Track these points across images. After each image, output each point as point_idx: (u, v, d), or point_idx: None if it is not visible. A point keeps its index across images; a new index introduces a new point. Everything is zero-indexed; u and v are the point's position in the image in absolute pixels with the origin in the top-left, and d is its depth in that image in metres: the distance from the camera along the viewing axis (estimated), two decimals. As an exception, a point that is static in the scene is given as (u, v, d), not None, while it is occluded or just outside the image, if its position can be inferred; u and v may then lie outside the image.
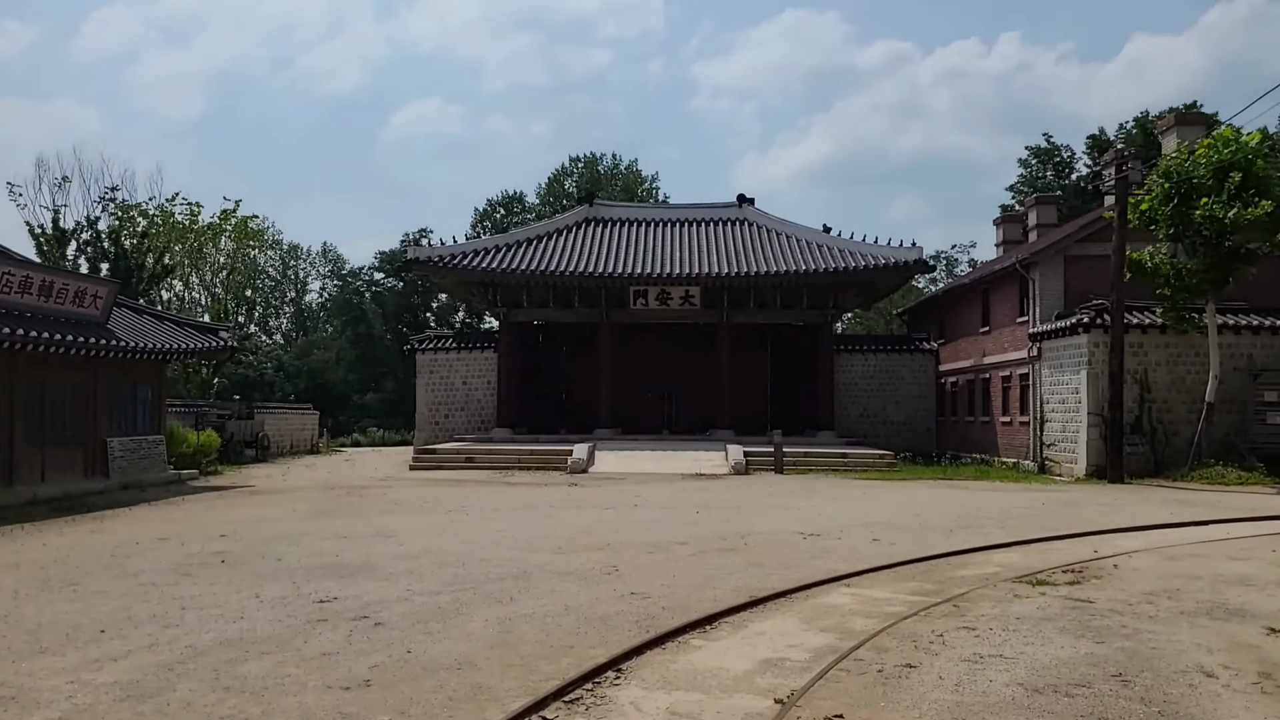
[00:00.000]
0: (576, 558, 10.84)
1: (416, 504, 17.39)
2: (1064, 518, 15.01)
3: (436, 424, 35.12)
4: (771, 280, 32.42)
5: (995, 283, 30.14)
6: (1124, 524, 14.10)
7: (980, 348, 31.42)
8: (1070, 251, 26.41)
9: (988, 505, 16.75)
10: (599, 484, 22.21)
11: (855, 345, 36.66)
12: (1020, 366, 27.90)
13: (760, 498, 18.62)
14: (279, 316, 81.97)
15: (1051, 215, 35.59)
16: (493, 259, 33.03)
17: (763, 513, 15.82)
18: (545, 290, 33.50)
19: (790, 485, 21.83)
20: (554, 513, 15.76)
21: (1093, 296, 24.48)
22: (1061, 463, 24.89)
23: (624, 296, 33.53)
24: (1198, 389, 23.50)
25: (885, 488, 21.08)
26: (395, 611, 7.90)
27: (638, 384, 36.93)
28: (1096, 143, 59.01)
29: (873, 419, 35.69)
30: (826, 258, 33.11)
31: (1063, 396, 25.00)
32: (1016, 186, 63.20)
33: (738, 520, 14.69)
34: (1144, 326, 23.27)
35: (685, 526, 13.81)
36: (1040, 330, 25.88)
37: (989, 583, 9.61)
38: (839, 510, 16.12)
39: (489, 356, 35.21)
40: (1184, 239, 21.45)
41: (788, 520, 14.68)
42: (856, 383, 35.92)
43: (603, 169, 74.64)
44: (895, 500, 17.87)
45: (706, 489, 20.78)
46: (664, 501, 17.76)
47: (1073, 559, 11.14)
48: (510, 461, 27.92)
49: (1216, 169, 20.98)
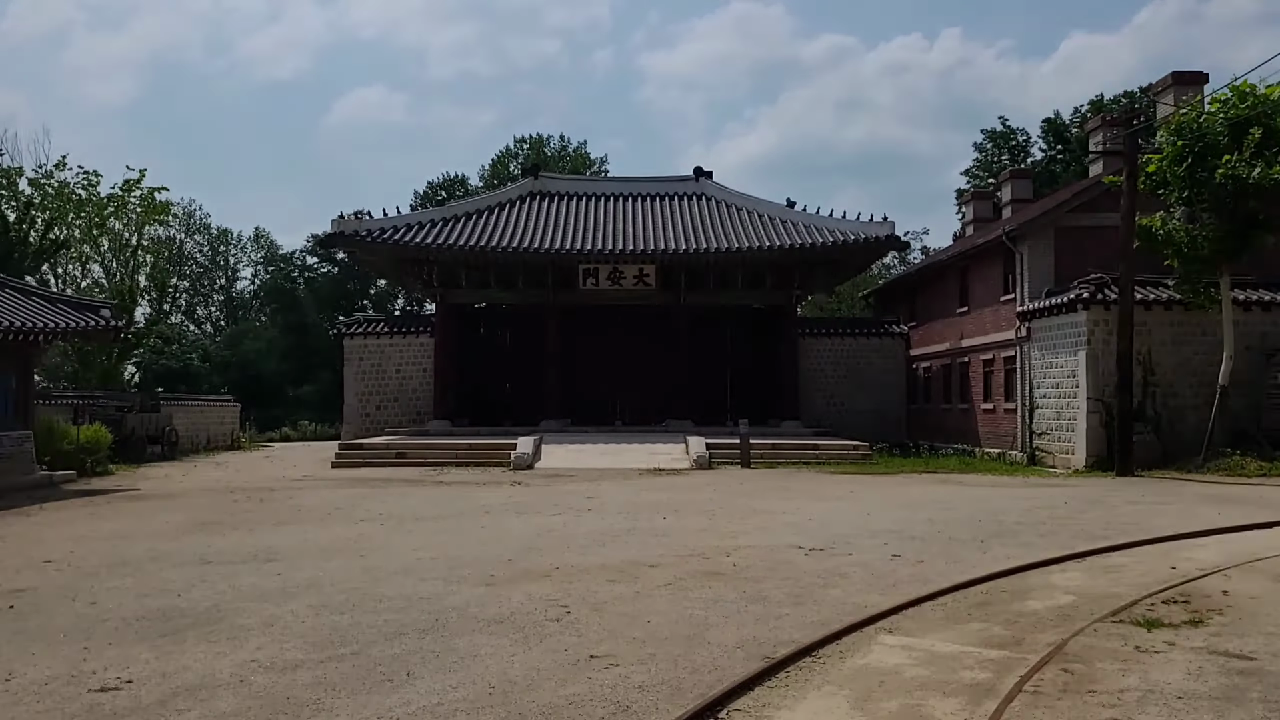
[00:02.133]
0: (514, 591, 8.02)
1: (323, 511, 14.37)
2: (1101, 520, 12.60)
3: (367, 416, 31.88)
4: (732, 258, 29.83)
5: (976, 259, 27.90)
6: (1179, 529, 11.71)
7: (958, 330, 29.20)
8: (1061, 223, 24.22)
9: (1003, 506, 14.29)
10: (546, 482, 19.38)
11: (821, 329, 34.29)
12: (1005, 349, 25.68)
13: (734, 498, 15.97)
14: (209, 305, 77.50)
15: (1027, 190, 33.58)
16: (428, 234, 29.87)
17: (742, 518, 13.14)
18: (486, 269, 30.46)
19: (763, 482, 19.24)
20: (491, 521, 12.88)
21: (1090, 271, 22.26)
22: (1055, 453, 22.69)
23: (572, 275, 30.65)
24: (1205, 371, 21.43)
25: (871, 484, 18.59)
26: (211, 710, 5.00)
27: (588, 371, 34.11)
28: (1052, 126, 57.93)
29: (839, 407, 33.36)
30: (791, 234, 30.61)
31: (1056, 380, 22.80)
32: (972, 171, 61.94)
33: (715, 529, 11.99)
34: (1147, 303, 21.10)
35: (652, 539, 11.06)
36: (1030, 308, 23.64)
37: (1076, 620, 7.04)
38: (832, 514, 13.52)
39: (425, 342, 32.05)
40: (1198, 203, 19.29)
41: (776, 528, 12.02)
42: (822, 369, 33.55)
43: (549, 151, 71.55)
44: (891, 500, 15.35)
45: (669, 487, 18.08)
46: (622, 504, 15.01)
47: (1157, 580, 8.64)
48: (446, 457, 24.90)
49: (1233, 125, 18.85)
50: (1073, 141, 54.84)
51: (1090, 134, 28.49)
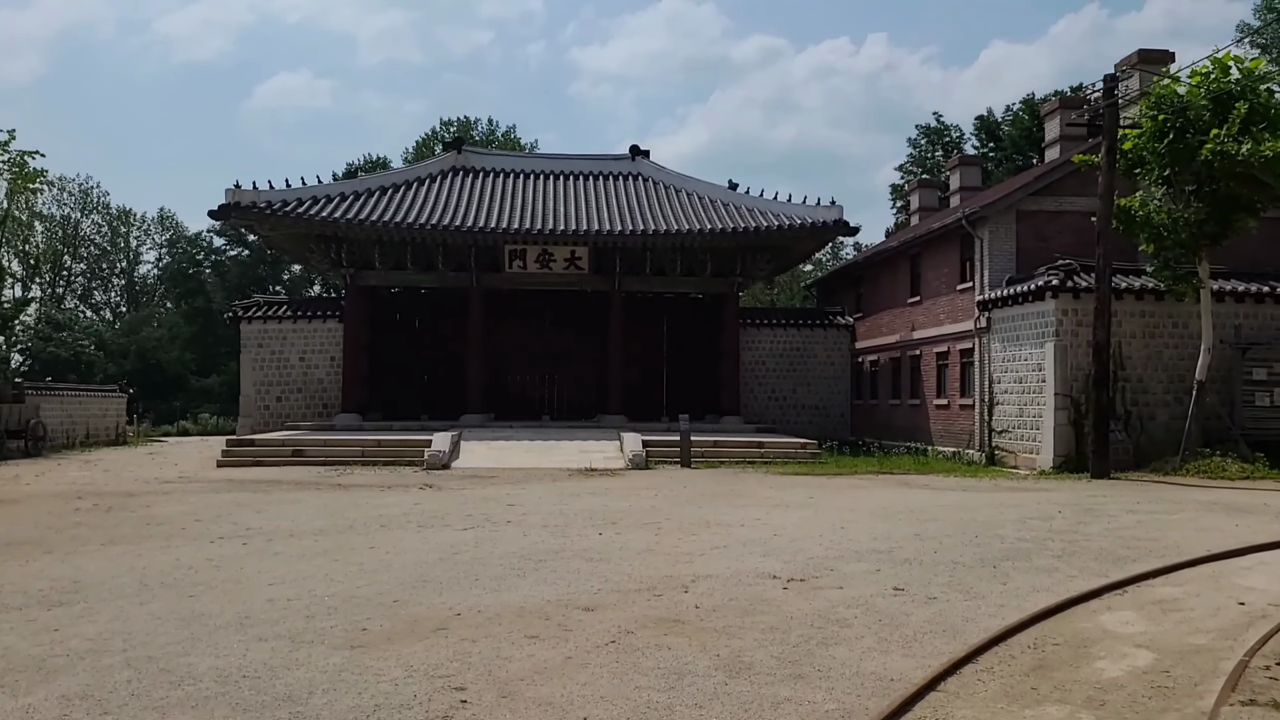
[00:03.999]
0: (389, 659, 5.62)
1: (178, 525, 11.68)
2: (1111, 535, 10.76)
3: (266, 409, 28.81)
4: (671, 241, 27.67)
5: (929, 245, 26.25)
6: (1206, 546, 9.93)
7: (908, 321, 27.57)
8: (1023, 206, 22.67)
9: (991, 516, 12.38)
10: (462, 485, 16.90)
11: (763, 319, 32.38)
12: (962, 340, 24.07)
13: (680, 505, 13.77)
14: (108, 290, 72.36)
15: (976, 178, 32.33)
16: (336, 208, 26.96)
17: (694, 532, 10.94)
18: (402, 248, 27.68)
19: (708, 485, 17.11)
20: (385, 539, 10.41)
21: (1058, 257, 20.73)
22: (1018, 453, 21.11)
23: (498, 257, 28.10)
24: (1177, 366, 20.08)
25: (829, 488, 16.61)
26: None
27: (515, 361, 31.62)
28: (984, 124, 57.71)
29: (782, 402, 31.55)
30: (734, 217, 28.62)
31: (1020, 375, 21.21)
32: (905, 166, 61.35)
33: (664, 548, 9.75)
34: (1117, 291, 19.59)
35: (586, 565, 8.76)
36: (992, 297, 22.02)
37: (1176, 694, 5.01)
38: (799, 527, 11.41)
39: (333, 328, 29.12)
40: (1179, 183, 17.80)
41: (737, 546, 9.84)
42: (764, 361, 31.68)
43: (477, 135, 68.68)
44: (860, 508, 13.33)
45: (604, 491, 15.80)
46: (550, 513, 12.67)
47: (1233, 622, 6.76)
48: (351, 455, 22.15)
49: (1215, 99, 17.39)
50: (1004, 139, 54.65)
51: (1047, 117, 27.13)
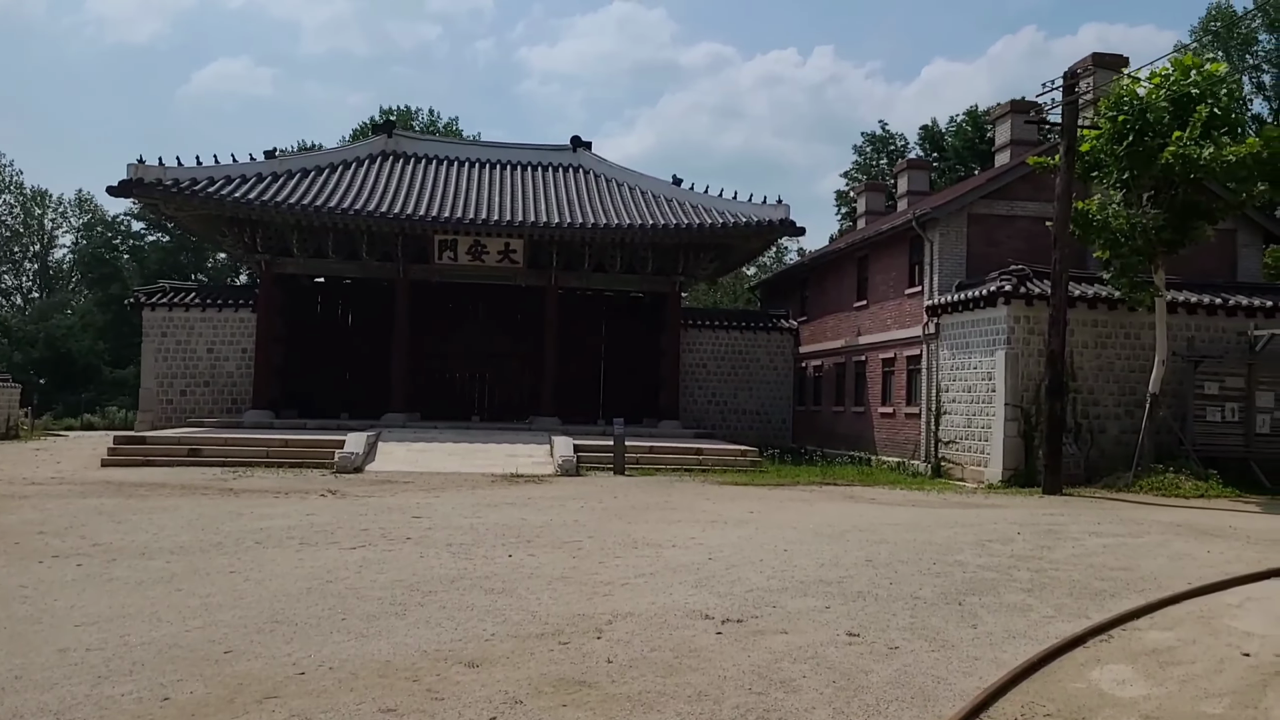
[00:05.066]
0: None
1: (16, 537, 9.94)
2: (1080, 563, 9.74)
3: (169, 403, 26.74)
4: (611, 236, 26.36)
5: (878, 248, 25.38)
6: (1186, 577, 8.96)
7: (854, 325, 26.67)
8: (974, 209, 21.89)
9: (946, 538, 11.30)
10: (370, 492, 15.34)
11: (705, 320, 31.25)
12: (909, 347, 23.20)
13: (607, 519, 12.45)
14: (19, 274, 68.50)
15: (924, 182, 31.69)
16: (251, 189, 25.08)
17: (619, 554, 9.62)
18: (323, 235, 25.88)
19: (641, 495, 15.81)
20: (249, 562, 8.88)
21: (1010, 261, 19.94)
22: (965, 465, 20.25)
23: (427, 247, 26.47)
24: (1127, 378, 19.42)
25: (771, 500, 15.45)
26: None
27: (444, 359, 30.02)
28: (929, 134, 57.93)
29: (723, 407, 30.46)
30: (677, 213, 27.43)
31: (969, 383, 20.37)
32: (850, 174, 61.22)
33: (581, 575, 8.41)
34: (1070, 299, 18.84)
35: (484, 599, 7.38)
36: (941, 302, 21.16)
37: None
38: (737, 548, 10.18)
39: (246, 318, 27.18)
40: (1137, 188, 17.07)
41: (666, 574, 8.55)
42: (705, 364, 30.55)
43: (418, 126, 66.71)
44: (805, 526, 12.16)
45: (525, 501, 14.40)
46: (458, 528, 11.23)
47: (1240, 679, 5.68)
48: (256, 456, 20.35)
49: (1175, 101, 16.69)
50: (948, 150, 54.77)
51: (997, 122, 26.49)
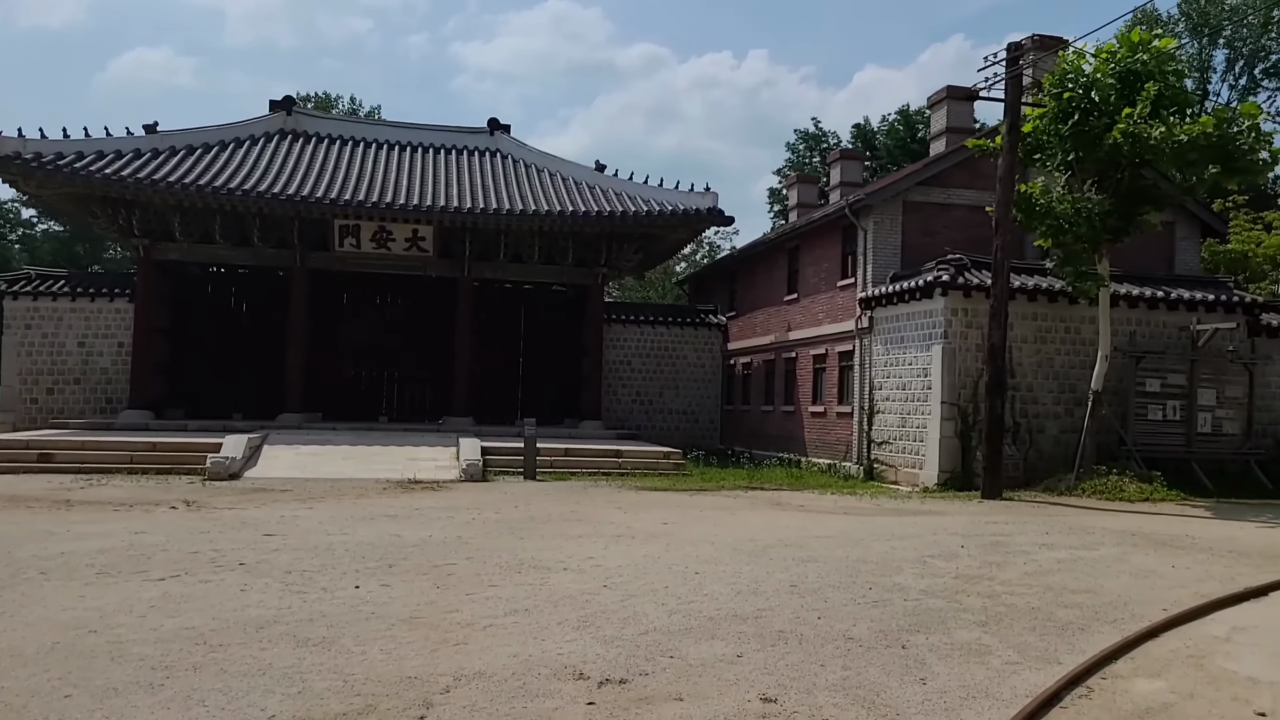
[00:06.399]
0: None
1: None
2: (1036, 584, 8.38)
3: (34, 402, 24.15)
4: (529, 224, 24.60)
5: (809, 238, 24.09)
6: (1153, 600, 7.67)
7: (784, 320, 25.37)
8: (910, 196, 20.72)
9: (884, 554, 9.87)
10: (234, 503, 13.34)
11: (629, 315, 29.67)
12: (841, 342, 21.94)
13: (497, 534, 10.73)
14: (-95, 264, 63.70)
15: (858, 173, 30.60)
16: (127, 165, 22.68)
17: (495, 583, 7.93)
18: (209, 217, 23.55)
19: (546, 503, 14.13)
20: (8, 600, 6.95)
21: (947, 251, 18.78)
22: (899, 467, 19.03)
23: (326, 233, 24.34)
24: (1067, 374, 18.42)
25: (691, 509, 13.91)
26: None
27: (348, 355, 27.92)
28: (861, 132, 57.57)
29: (648, 406, 28.93)
30: (600, 201, 25.78)
31: (903, 380, 19.15)
32: (783, 171, 60.56)
33: (436, 615, 6.70)
34: (1010, 291, 17.73)
35: (292, 655, 5.62)
36: (875, 294, 19.92)
37: None
38: (640, 570, 8.57)
39: (123, 309, 24.71)
40: (1082, 172, 16.01)
41: (545, 610, 6.90)
42: (629, 361, 28.98)
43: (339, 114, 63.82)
44: (725, 540, 10.62)
45: (411, 513, 12.60)
46: (312, 548, 9.40)
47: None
48: (118, 461, 18.06)
49: (1122, 79, 15.67)
50: (880, 149, 54.44)
51: (933, 109, 25.43)
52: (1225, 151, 14.62)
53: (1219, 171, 14.79)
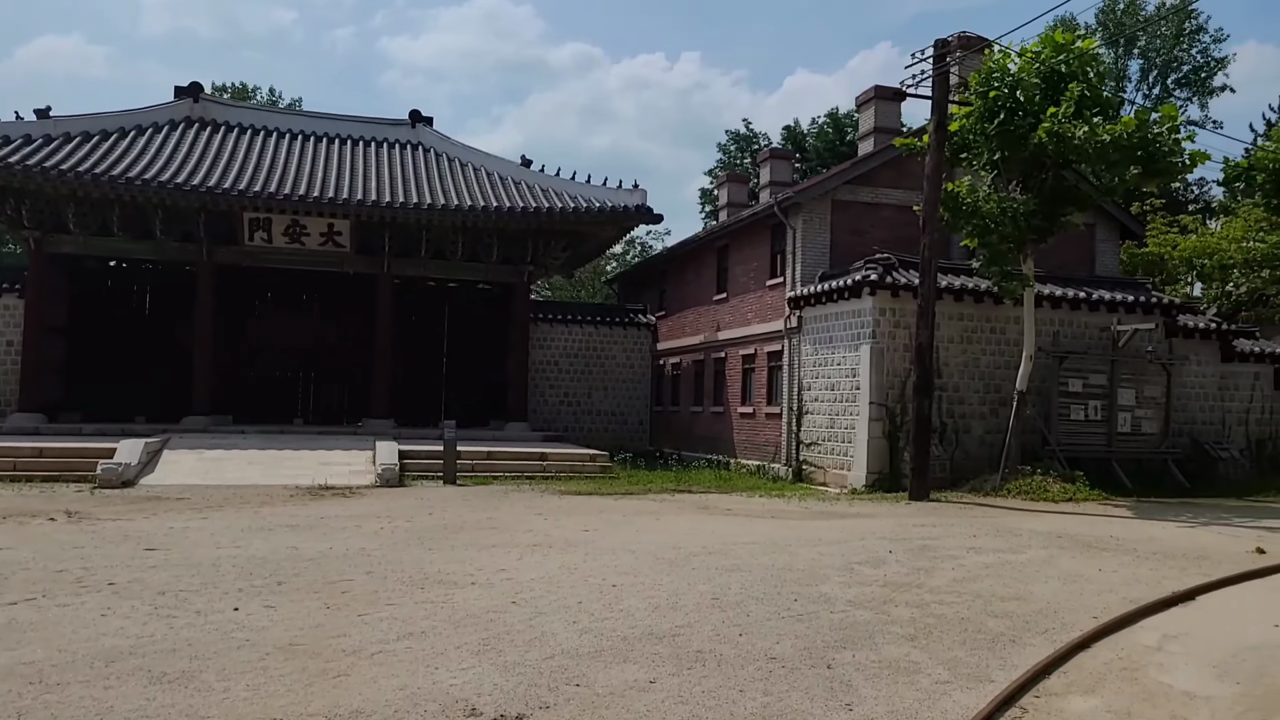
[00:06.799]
0: None
1: None
2: (963, 589, 8.09)
3: (-88, 406, 22.38)
4: (451, 219, 23.77)
5: (738, 237, 23.82)
6: (1082, 607, 7.43)
7: (713, 320, 25.05)
8: (838, 195, 20.57)
9: (811, 561, 9.50)
10: (121, 513, 12.35)
11: (556, 315, 29.02)
12: (770, 342, 21.69)
13: (405, 545, 10.06)
14: None
15: (787, 172, 30.40)
16: (15, 151, 21.22)
17: (392, 601, 7.29)
18: (108, 208, 22.20)
19: (463, 510, 13.47)
20: None
21: (875, 250, 18.64)
22: (828, 468, 18.82)
23: (235, 226, 23.16)
24: (992, 374, 18.45)
25: (615, 514, 13.40)
26: None
27: (261, 355, 26.69)
28: (792, 134, 57.92)
29: (576, 407, 28.33)
30: (526, 196, 25.11)
31: (832, 381, 18.95)
32: (714, 172, 60.63)
33: (319, 640, 6.04)
34: (937, 290, 17.65)
35: (140, 695, 4.93)
36: (804, 293, 19.70)
37: None
38: (554, 583, 8.02)
39: (12, 304, 23.21)
40: (1007, 171, 15.98)
41: (443, 633, 6.30)
42: (557, 362, 28.34)
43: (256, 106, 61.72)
44: (645, 547, 10.13)
45: (317, 522, 11.81)
46: (196, 564, 8.61)
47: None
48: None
49: (1047, 79, 15.68)
50: (810, 151, 54.83)
51: (861, 109, 25.41)
52: (1146, 153, 14.70)
53: (1140, 173, 14.88)
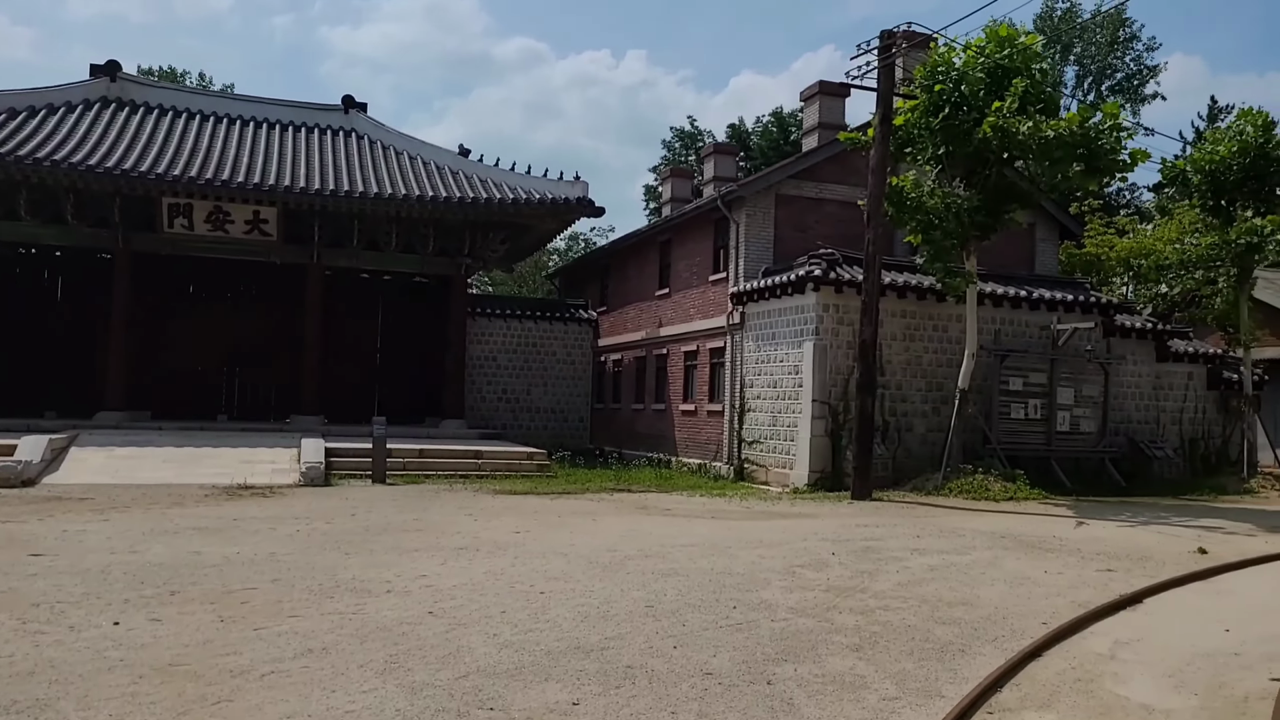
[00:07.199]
0: None
1: None
2: (909, 593, 7.74)
3: None
4: (385, 209, 22.93)
5: (681, 231, 23.40)
6: (1029, 611, 7.13)
7: (655, 316, 24.61)
8: (783, 190, 20.27)
9: (752, 565, 9.08)
10: (15, 514, 11.40)
11: (495, 309, 28.28)
12: (713, 338, 21.31)
13: (319, 550, 9.38)
14: None
15: (730, 168, 30.12)
16: (-89, 127, 19.83)
17: (296, 612, 6.65)
18: (13, 191, 20.89)
19: (390, 511, 12.78)
20: None
21: (819, 246, 18.37)
22: (770, 467, 18.50)
23: (154, 212, 21.99)
24: (934, 372, 18.31)
25: (549, 515, 12.84)
26: None
27: (184, 348, 25.47)
28: (736, 132, 57.97)
29: (515, 404, 27.64)
30: (463, 187, 24.34)
31: (775, 378, 18.63)
32: (659, 169, 60.40)
33: (203, 660, 5.39)
34: (882, 287, 17.43)
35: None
36: (747, 289, 19.36)
37: None
38: (477, 591, 7.45)
39: (-92, 292, 21.67)
40: (951, 166, 15.80)
41: (346, 646, 5.70)
42: (495, 357, 27.61)
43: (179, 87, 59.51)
44: (578, 550, 9.61)
45: (230, 524, 11.03)
46: (83, 571, 7.83)
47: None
48: (-116, 468, 15.52)
49: (991, 74, 15.54)
50: (755, 150, 54.87)
51: (806, 104, 25.19)
52: (1089, 150, 14.64)
53: (1082, 170, 14.82)
